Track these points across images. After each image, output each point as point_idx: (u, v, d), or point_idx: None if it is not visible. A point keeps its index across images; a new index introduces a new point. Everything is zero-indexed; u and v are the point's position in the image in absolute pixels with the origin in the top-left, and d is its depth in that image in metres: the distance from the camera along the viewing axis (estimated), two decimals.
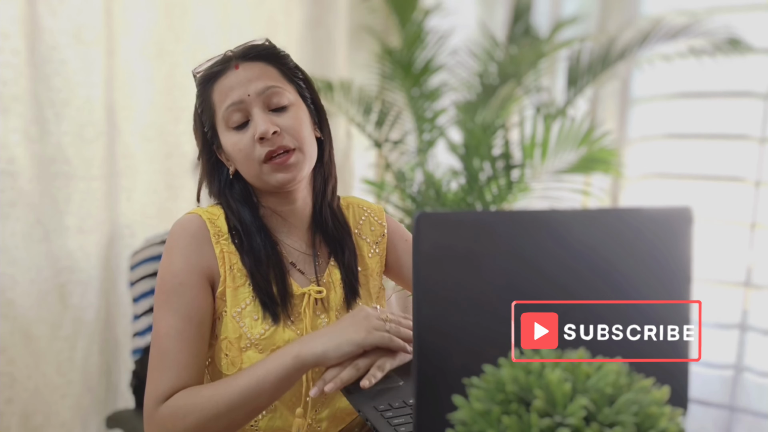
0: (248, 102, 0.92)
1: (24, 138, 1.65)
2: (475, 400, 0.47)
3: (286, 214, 0.98)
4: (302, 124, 0.94)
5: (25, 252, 1.68)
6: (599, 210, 1.10)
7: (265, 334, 0.91)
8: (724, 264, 2.28)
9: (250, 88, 0.92)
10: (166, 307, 0.90)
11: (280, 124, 0.92)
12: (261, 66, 0.95)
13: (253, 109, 0.92)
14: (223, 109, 0.93)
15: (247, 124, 0.92)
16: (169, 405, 0.85)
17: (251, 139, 0.91)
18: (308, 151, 0.94)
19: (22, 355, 1.70)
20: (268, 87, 0.93)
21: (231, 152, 0.94)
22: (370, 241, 1.04)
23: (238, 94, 0.92)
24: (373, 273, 1.03)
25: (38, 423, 1.73)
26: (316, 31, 2.37)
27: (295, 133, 0.92)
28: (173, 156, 1.99)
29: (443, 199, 2.20)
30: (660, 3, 2.36)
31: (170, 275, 0.91)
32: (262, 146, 0.90)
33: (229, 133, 0.93)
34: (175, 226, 0.96)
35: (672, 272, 0.65)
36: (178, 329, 0.89)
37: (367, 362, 0.83)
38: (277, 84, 0.94)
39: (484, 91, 2.22)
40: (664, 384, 0.48)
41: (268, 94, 0.92)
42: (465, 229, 0.60)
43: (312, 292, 0.94)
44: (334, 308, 0.97)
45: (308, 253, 0.99)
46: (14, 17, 1.61)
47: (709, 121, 2.33)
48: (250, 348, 0.91)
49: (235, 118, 0.92)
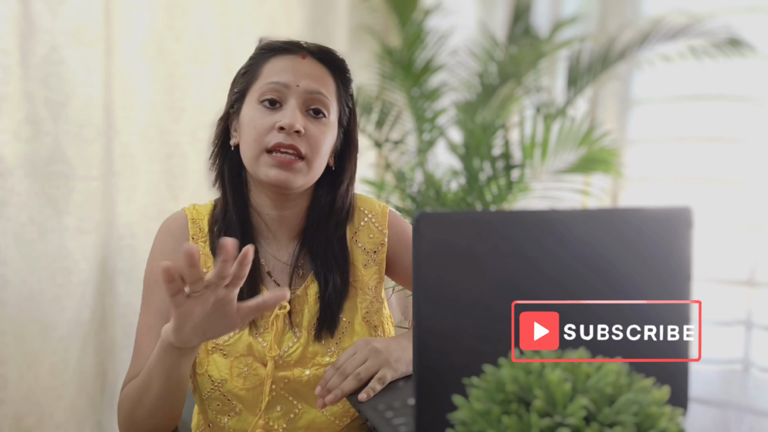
0: (292, 91, 0.90)
1: (13, 138, 1.65)
2: (475, 400, 0.47)
3: (272, 221, 0.95)
4: (325, 140, 0.92)
5: (16, 252, 1.68)
6: (599, 210, 1.10)
7: (229, 340, 0.91)
8: (724, 264, 2.28)
9: (302, 81, 0.90)
10: (144, 303, 0.93)
11: (307, 128, 0.89)
12: (325, 71, 0.93)
13: (291, 99, 0.90)
14: (266, 81, 0.91)
15: (275, 107, 0.90)
16: (122, 392, 0.89)
17: (272, 123, 0.89)
18: (315, 167, 0.91)
19: (14, 356, 1.69)
20: (318, 91, 0.91)
21: (245, 124, 0.91)
22: (367, 249, 0.99)
23: (289, 78, 0.90)
24: (364, 286, 0.98)
25: (31, 424, 1.73)
26: (316, 30, 2.37)
27: (314, 144, 0.90)
28: (173, 156, 1.98)
29: (443, 199, 2.19)
30: (660, 3, 2.36)
31: (149, 272, 0.94)
32: (277, 135, 0.88)
33: (254, 105, 0.91)
34: (163, 223, 0.98)
35: (672, 272, 0.65)
36: (149, 324, 0.91)
37: (368, 373, 0.83)
38: (327, 95, 0.92)
39: (484, 91, 2.22)
40: (664, 384, 0.48)
41: (314, 97, 0.91)
42: (465, 229, 0.60)
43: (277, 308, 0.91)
44: (305, 324, 0.94)
45: (288, 263, 0.96)
46: (6, 17, 1.62)
47: (709, 122, 2.33)
48: (216, 351, 0.92)
49: (270, 95, 0.90)
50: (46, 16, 1.68)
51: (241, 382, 0.91)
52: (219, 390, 0.91)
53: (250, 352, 0.91)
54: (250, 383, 0.91)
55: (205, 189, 1.08)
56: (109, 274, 1.88)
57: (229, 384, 0.91)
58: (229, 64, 2.09)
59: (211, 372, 0.91)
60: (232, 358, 0.91)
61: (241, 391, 0.91)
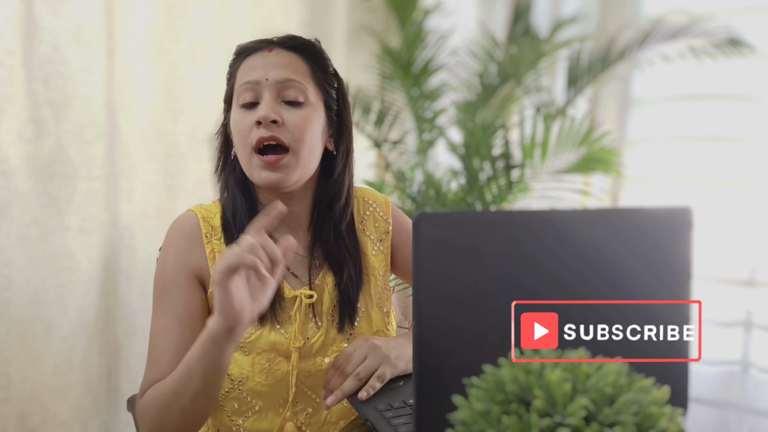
0: (263, 85, 0.90)
1: (17, 138, 1.65)
2: (475, 400, 0.47)
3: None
4: (309, 126, 0.91)
5: (20, 252, 1.68)
6: (599, 210, 1.10)
7: (250, 337, 0.91)
8: (724, 264, 2.28)
9: (270, 73, 0.91)
10: (158, 305, 0.92)
11: (286, 118, 0.89)
12: (293, 57, 0.93)
13: (265, 93, 0.90)
14: (240, 84, 0.92)
15: (253, 108, 0.91)
16: (143, 398, 0.86)
17: (252, 121, 0.89)
18: (304, 156, 0.90)
19: (18, 356, 1.69)
20: (288, 79, 0.91)
21: (233, 130, 0.93)
22: (374, 238, 1.01)
23: (258, 74, 0.91)
24: (375, 272, 1.00)
25: (35, 424, 1.73)
26: (316, 31, 2.37)
27: (296, 132, 0.89)
28: (172, 156, 1.98)
29: (443, 199, 2.19)
30: (660, 3, 2.35)
31: (163, 274, 0.92)
32: (257, 130, 0.88)
33: (237, 110, 0.92)
34: (172, 224, 0.96)
35: (672, 272, 0.65)
36: (165, 327, 0.89)
37: (367, 372, 0.83)
38: (299, 79, 0.91)
39: (484, 91, 2.22)
40: (664, 384, 0.48)
41: (285, 85, 0.91)
42: (465, 229, 0.60)
43: (303, 296, 0.92)
44: (325, 312, 0.95)
45: (304, 255, 0.97)
46: (9, 17, 1.62)
47: (709, 122, 2.32)
48: (236, 349, 0.91)
49: (246, 96, 0.91)
50: (48, 16, 1.68)
51: (263, 377, 0.91)
52: (238, 389, 0.91)
53: (272, 347, 0.91)
54: (272, 379, 0.91)
55: (204, 189, 1.08)
56: (112, 273, 1.88)
57: (250, 381, 0.90)
58: (227, 64, 2.09)
59: (231, 371, 0.91)
60: (254, 355, 0.91)
61: (262, 387, 0.91)
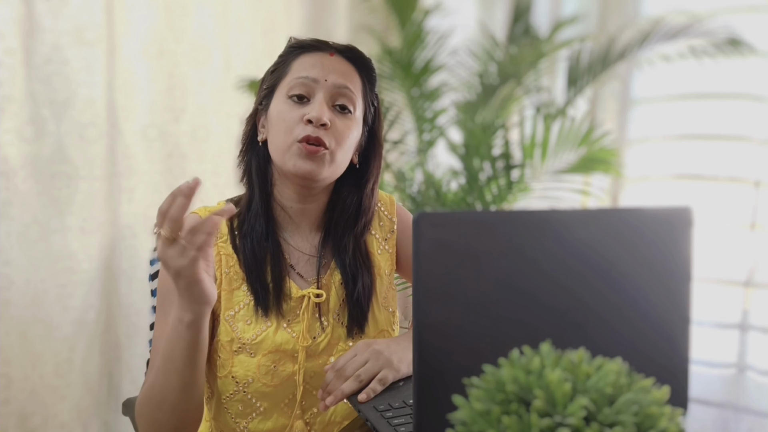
0: (320, 85, 0.92)
1: (17, 138, 1.65)
2: (475, 400, 0.47)
3: (295, 213, 0.97)
4: (350, 135, 0.93)
5: (21, 252, 1.68)
6: (599, 210, 1.10)
7: (257, 338, 0.91)
8: (724, 264, 2.28)
9: (330, 76, 0.92)
10: (160, 310, 0.92)
11: (333, 122, 0.91)
12: (351, 68, 0.95)
13: (319, 93, 0.91)
14: (295, 76, 0.93)
15: (302, 102, 0.92)
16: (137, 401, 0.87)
17: (300, 116, 0.90)
18: (338, 159, 0.93)
19: (18, 356, 1.69)
20: (345, 86, 0.93)
21: (273, 118, 0.93)
22: (379, 237, 1.02)
23: (317, 73, 0.92)
24: (381, 272, 1.01)
25: (36, 424, 1.73)
26: (316, 31, 2.37)
27: (339, 137, 0.91)
28: (174, 156, 1.98)
29: (443, 199, 2.19)
30: (660, 3, 2.36)
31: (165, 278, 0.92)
32: (305, 127, 0.90)
33: (283, 100, 0.93)
34: None
35: (672, 272, 0.65)
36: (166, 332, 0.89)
37: (369, 374, 0.83)
38: (354, 91, 0.94)
39: (484, 91, 2.22)
40: (664, 384, 0.48)
41: (341, 92, 0.92)
42: (465, 229, 0.60)
43: (311, 295, 0.93)
44: (331, 311, 0.95)
45: (312, 254, 0.97)
46: (10, 18, 1.62)
47: (709, 122, 2.33)
48: (242, 352, 0.91)
49: (299, 90, 0.92)
50: (49, 16, 1.68)
51: (268, 378, 0.91)
52: (243, 391, 0.91)
53: (277, 349, 0.91)
54: (277, 380, 0.91)
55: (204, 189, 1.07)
56: (113, 274, 1.88)
57: (255, 383, 0.91)
58: (228, 64, 2.09)
59: (236, 373, 0.91)
60: (260, 356, 0.91)
61: (267, 388, 0.91)
